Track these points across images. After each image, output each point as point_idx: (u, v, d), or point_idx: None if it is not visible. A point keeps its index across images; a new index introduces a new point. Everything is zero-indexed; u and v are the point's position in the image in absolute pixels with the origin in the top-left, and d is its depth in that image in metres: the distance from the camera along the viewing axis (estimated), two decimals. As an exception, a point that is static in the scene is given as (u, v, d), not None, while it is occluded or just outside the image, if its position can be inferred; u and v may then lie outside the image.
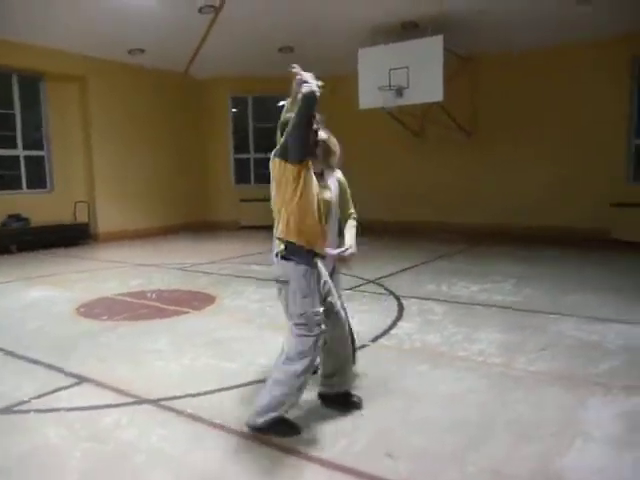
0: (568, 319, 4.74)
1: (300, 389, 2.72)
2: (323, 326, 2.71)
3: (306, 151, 2.63)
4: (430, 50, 9.18)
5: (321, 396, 3.06)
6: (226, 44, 10.53)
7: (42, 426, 2.86)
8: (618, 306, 5.13)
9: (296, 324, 2.71)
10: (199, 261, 8.16)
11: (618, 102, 9.44)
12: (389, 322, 4.72)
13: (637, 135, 9.54)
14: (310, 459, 2.51)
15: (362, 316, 4.81)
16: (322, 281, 2.83)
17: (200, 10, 9.25)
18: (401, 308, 5.21)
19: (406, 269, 7.18)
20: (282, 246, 2.72)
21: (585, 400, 3.09)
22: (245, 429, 2.77)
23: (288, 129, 2.61)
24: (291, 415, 2.80)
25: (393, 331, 4.49)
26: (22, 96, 9.91)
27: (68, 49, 9.77)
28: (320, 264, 2.84)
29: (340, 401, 3.00)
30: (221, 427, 2.83)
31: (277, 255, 2.75)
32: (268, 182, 2.91)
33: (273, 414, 2.68)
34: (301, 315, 2.68)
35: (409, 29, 9.68)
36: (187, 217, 12.57)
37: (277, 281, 2.81)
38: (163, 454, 2.58)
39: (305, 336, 2.68)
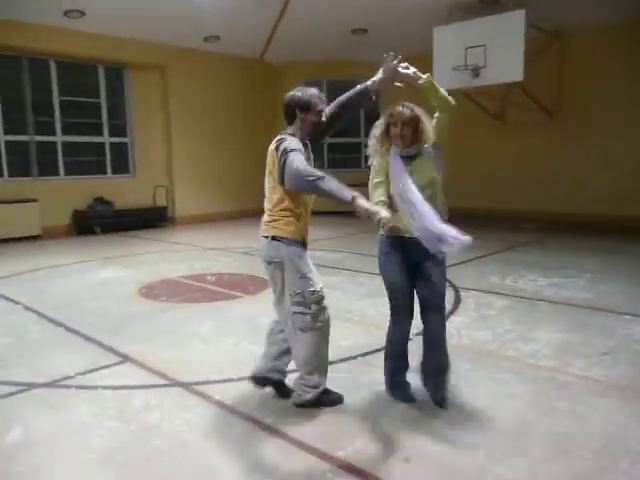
0: (644, 321, 4.29)
1: (323, 353, 2.83)
2: (323, 303, 2.77)
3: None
4: (511, 26, 8.58)
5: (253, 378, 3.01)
6: (299, 28, 10.47)
7: (77, 402, 3.01)
8: None
9: (293, 302, 2.75)
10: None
11: None
12: (441, 315, 4.51)
13: None
14: (324, 457, 2.44)
15: (413, 308, 4.62)
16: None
17: (272, -6, 9.26)
18: (457, 301, 4.97)
19: (473, 259, 6.82)
20: (272, 229, 2.81)
21: (642, 415, 2.77)
22: (266, 420, 2.75)
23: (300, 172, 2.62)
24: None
25: (443, 325, 4.28)
26: (107, 86, 10.47)
27: (147, 39, 10.16)
28: None
29: (276, 386, 3.02)
30: (243, 415, 2.83)
31: (267, 237, 2.82)
32: (341, 167, 2.93)
33: (314, 390, 2.83)
34: (297, 294, 2.73)
35: (488, 4, 9.11)
36: (261, 202, 12.76)
37: (270, 262, 2.82)
38: (180, 439, 2.61)
39: (302, 314, 2.74)
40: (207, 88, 11.41)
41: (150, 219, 10.72)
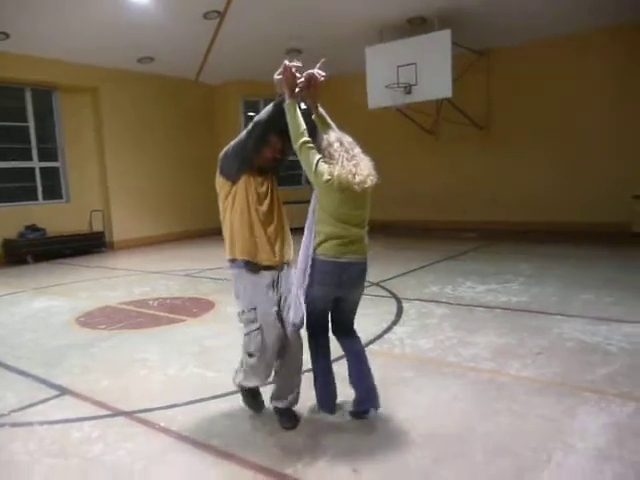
0: (573, 320, 4.55)
1: (253, 373, 2.87)
2: (256, 325, 2.78)
3: (239, 168, 2.82)
4: (438, 45, 8.97)
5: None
6: (234, 49, 10.53)
7: (12, 440, 2.85)
8: (632, 305, 4.90)
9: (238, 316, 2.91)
10: (208, 266, 8.16)
11: (638, 92, 9.06)
12: (384, 326, 4.61)
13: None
14: (273, 474, 2.43)
15: (358, 320, 4.65)
16: (272, 289, 2.84)
17: (205, 16, 9.27)
18: (400, 311, 5.09)
19: (413, 270, 7.01)
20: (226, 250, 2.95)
21: (574, 409, 2.93)
22: (213, 442, 2.71)
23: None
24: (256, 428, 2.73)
25: (387, 335, 4.38)
26: (35, 109, 10.10)
27: (78, 60, 9.91)
28: (272, 275, 2.85)
29: (280, 414, 2.95)
30: (190, 441, 2.77)
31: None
32: (281, 185, 3.04)
33: (244, 383, 2.95)
34: (238, 313, 2.90)
35: (416, 24, 9.49)
36: (201, 223, 12.61)
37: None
38: (125, 470, 2.53)
39: (245, 333, 2.86)
40: (141, 110, 11.23)
41: (86, 245, 10.35)
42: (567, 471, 2.36)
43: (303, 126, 2.75)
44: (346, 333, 3.00)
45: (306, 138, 2.75)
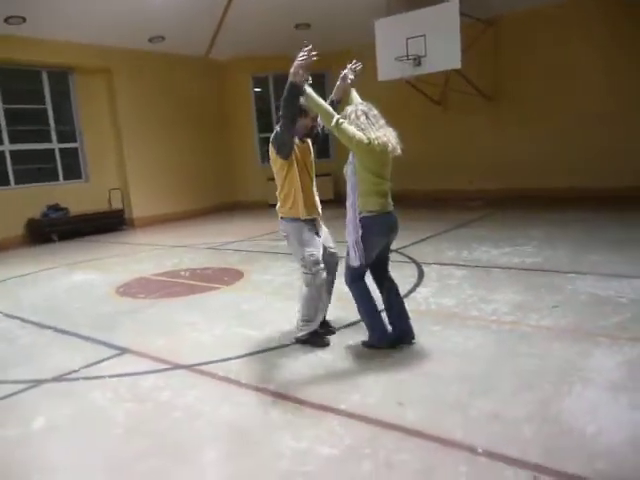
0: (585, 277, 4.85)
1: (314, 304, 3.57)
2: (321, 265, 3.52)
3: (289, 152, 3.46)
4: (446, 16, 9.09)
5: None
6: (243, 24, 10.68)
7: (90, 391, 3.22)
8: None
9: (300, 265, 3.58)
10: (230, 240, 8.49)
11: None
12: (408, 288, 4.92)
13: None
14: (328, 410, 2.78)
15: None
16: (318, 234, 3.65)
17: (215, -7, 9.41)
18: (421, 274, 5.41)
19: (429, 237, 7.32)
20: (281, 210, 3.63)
21: (590, 351, 3.26)
22: (270, 386, 3.07)
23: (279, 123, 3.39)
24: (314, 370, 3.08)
25: (412, 295, 4.70)
26: (52, 91, 10.33)
27: (91, 42, 10.09)
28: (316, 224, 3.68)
29: (320, 326, 3.75)
30: (249, 386, 3.13)
31: (280, 217, 3.66)
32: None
33: (307, 329, 3.62)
34: (301, 259, 3.55)
35: (425, -4, 9.60)
36: (218, 199, 12.95)
37: (283, 236, 3.70)
38: (198, 410, 2.89)
39: (305, 273, 3.55)
40: (154, 88, 11.44)
41: (108, 223, 10.69)
42: (586, 400, 2.70)
43: (329, 107, 3.27)
44: (386, 275, 3.63)
45: (337, 116, 3.23)
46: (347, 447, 2.42)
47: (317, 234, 3.65)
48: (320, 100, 3.24)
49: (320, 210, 3.73)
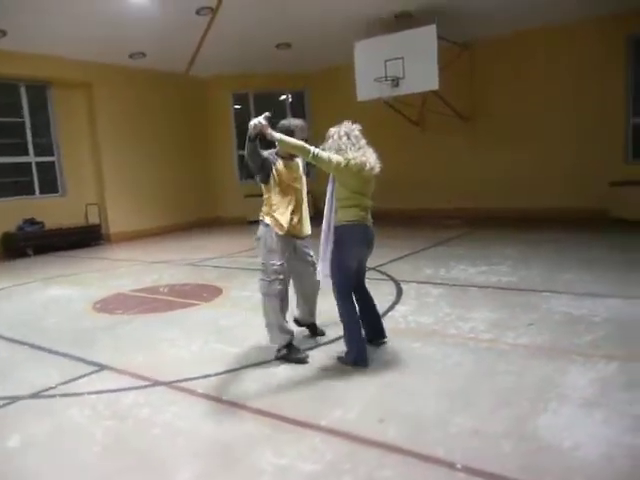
0: (560, 296, 4.96)
1: (275, 316, 3.69)
2: (280, 276, 3.65)
3: (263, 176, 3.69)
4: (424, 39, 9.33)
5: (296, 321, 4.17)
6: (225, 43, 10.75)
7: (67, 408, 3.17)
8: (612, 282, 5.33)
9: (261, 270, 3.72)
10: (208, 256, 8.46)
11: (615, 81, 9.55)
12: (387, 306, 4.97)
13: (635, 114, 9.65)
14: (309, 426, 2.79)
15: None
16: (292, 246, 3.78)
17: (198, 12, 9.48)
18: (399, 292, 5.47)
19: (407, 255, 7.42)
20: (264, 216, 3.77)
21: (565, 368, 3.34)
22: (251, 403, 3.07)
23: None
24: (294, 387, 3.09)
25: (390, 313, 4.75)
26: (31, 104, 10.23)
27: (71, 56, 10.06)
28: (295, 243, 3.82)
29: (310, 329, 4.16)
30: (229, 403, 3.12)
31: (260, 220, 3.78)
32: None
33: (279, 341, 3.72)
34: (262, 264, 3.70)
35: (403, 19, 9.84)
36: (196, 215, 12.90)
37: (256, 238, 3.81)
38: (177, 428, 2.87)
39: (262, 279, 3.71)
40: (134, 103, 11.42)
41: (84, 238, 10.54)
42: (562, 416, 2.76)
43: (301, 142, 3.43)
44: (363, 288, 3.85)
45: (311, 148, 3.38)
46: (328, 463, 2.44)
47: (293, 250, 3.79)
48: (291, 140, 3.43)
49: (306, 229, 3.87)
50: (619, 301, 4.70)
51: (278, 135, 3.39)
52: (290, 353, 3.70)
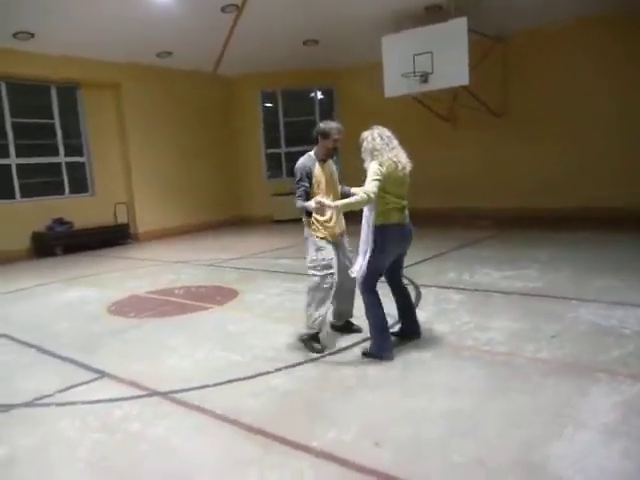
0: (588, 304, 4.64)
1: (321, 307, 3.87)
2: (331, 270, 3.82)
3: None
4: (454, 33, 9.00)
5: (332, 326, 4.33)
6: (251, 41, 10.67)
7: (59, 418, 3.09)
8: (647, 289, 4.97)
9: (309, 267, 3.90)
10: (230, 256, 8.40)
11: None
12: (403, 312, 4.75)
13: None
14: (300, 447, 2.62)
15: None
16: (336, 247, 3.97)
17: (223, 9, 9.41)
18: (418, 297, 5.24)
19: (432, 257, 7.16)
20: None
21: (586, 388, 3.06)
22: (244, 418, 2.92)
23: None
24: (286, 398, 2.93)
25: (405, 321, 4.52)
26: (61, 105, 10.39)
27: (99, 57, 10.17)
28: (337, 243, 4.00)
29: (345, 327, 4.26)
30: (222, 418, 2.98)
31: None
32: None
33: (310, 330, 3.92)
34: (313, 260, 3.86)
35: (433, 13, 9.51)
36: (223, 213, 12.90)
37: (304, 238, 4.01)
38: (166, 444, 2.75)
39: (314, 275, 3.86)
40: (162, 104, 11.48)
41: (112, 237, 10.67)
42: (577, 444, 2.50)
43: (353, 199, 3.55)
44: (400, 282, 4.04)
45: (365, 194, 3.46)
46: (314, 492, 2.27)
47: (335, 248, 3.95)
48: (347, 201, 3.58)
49: (342, 230, 4.06)
50: (654, 311, 4.35)
51: (340, 205, 3.59)
52: (311, 339, 3.92)
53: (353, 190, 3.93)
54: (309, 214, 3.84)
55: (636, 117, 9.20)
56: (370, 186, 3.47)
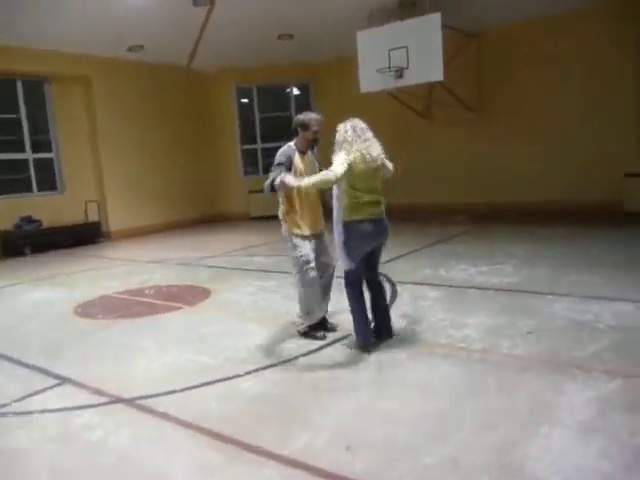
0: (564, 299, 4.62)
1: (311, 305, 3.96)
2: (311, 264, 3.85)
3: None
4: (428, 28, 8.91)
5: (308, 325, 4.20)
6: (225, 35, 10.46)
7: (16, 428, 2.93)
8: (622, 284, 4.96)
9: (292, 265, 3.94)
10: (204, 255, 8.22)
11: (625, 69, 9.08)
12: (378, 310, 4.67)
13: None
14: (269, 456, 2.51)
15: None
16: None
17: (195, 3, 9.20)
18: (394, 294, 5.16)
19: (407, 253, 7.10)
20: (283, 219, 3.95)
21: (561, 385, 3.01)
22: (210, 425, 2.80)
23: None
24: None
25: (380, 319, 4.44)
26: (28, 100, 10.06)
27: (68, 50, 9.86)
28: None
29: (321, 325, 4.15)
30: (188, 425, 2.85)
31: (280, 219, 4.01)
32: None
33: (307, 322, 4.02)
34: (293, 258, 3.90)
35: (407, 7, 9.44)
36: (198, 211, 12.68)
37: (283, 236, 4.01)
38: (127, 454, 2.62)
39: (297, 272, 3.91)
40: (134, 99, 11.21)
41: (83, 236, 10.39)
42: (553, 444, 2.44)
43: (318, 176, 3.56)
44: (376, 278, 3.95)
45: (330, 173, 3.45)
46: (282, 502, 2.16)
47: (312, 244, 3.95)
48: (313, 179, 3.54)
49: (320, 225, 4.03)
50: (628, 305, 4.34)
51: (303, 184, 3.53)
52: (310, 330, 4.02)
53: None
54: (273, 190, 3.71)
55: (609, 111, 9.26)
56: (337, 166, 3.46)
